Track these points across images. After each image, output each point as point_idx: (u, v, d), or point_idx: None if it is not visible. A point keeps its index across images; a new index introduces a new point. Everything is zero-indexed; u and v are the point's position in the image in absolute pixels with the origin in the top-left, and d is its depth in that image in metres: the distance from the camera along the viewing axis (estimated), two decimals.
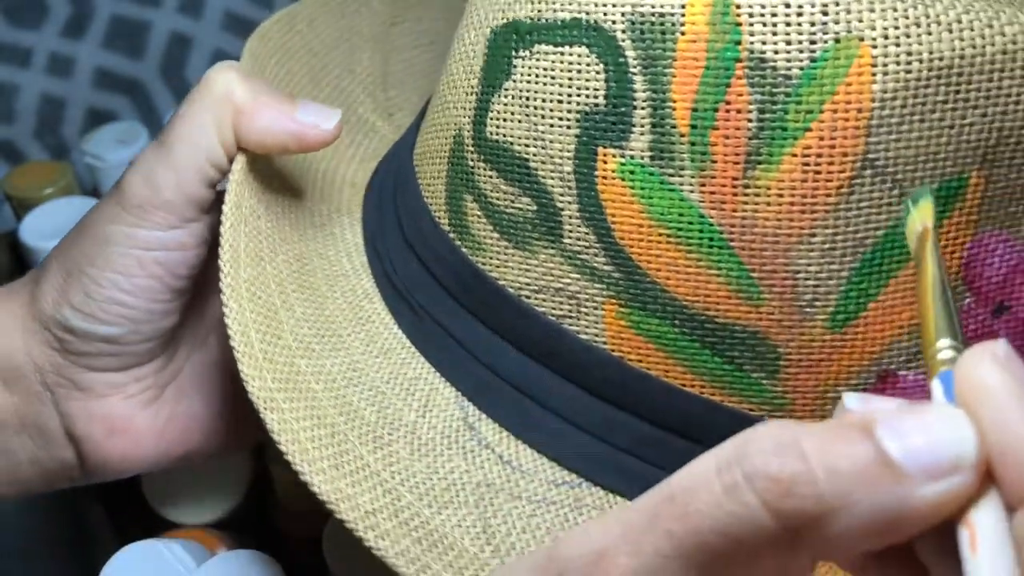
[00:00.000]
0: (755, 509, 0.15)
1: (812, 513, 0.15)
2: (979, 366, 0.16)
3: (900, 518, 0.15)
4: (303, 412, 0.28)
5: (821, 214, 0.24)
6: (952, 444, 0.15)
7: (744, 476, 0.15)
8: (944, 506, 0.15)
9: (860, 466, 0.15)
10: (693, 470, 0.16)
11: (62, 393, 0.31)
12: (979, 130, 0.23)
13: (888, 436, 0.15)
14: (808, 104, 0.23)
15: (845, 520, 0.15)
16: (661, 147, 0.25)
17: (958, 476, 0.15)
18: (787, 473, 0.15)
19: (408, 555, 0.26)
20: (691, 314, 0.26)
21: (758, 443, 0.15)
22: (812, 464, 0.15)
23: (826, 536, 0.15)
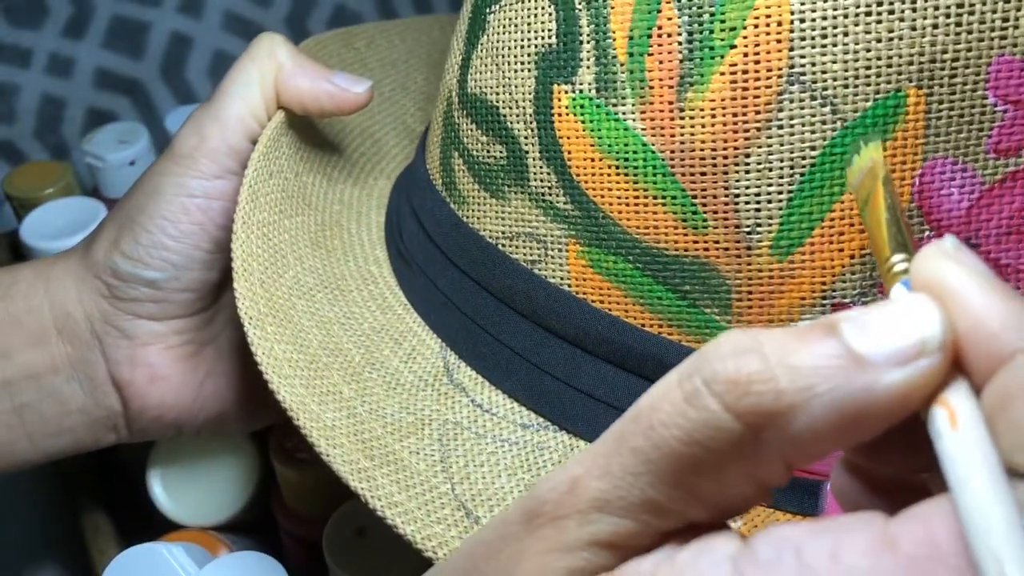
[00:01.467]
0: (716, 412, 0.15)
1: (772, 409, 0.14)
2: (931, 261, 0.15)
3: (866, 408, 0.14)
4: (287, 338, 0.29)
5: (753, 132, 0.24)
6: (917, 327, 0.14)
7: (703, 382, 0.15)
8: (912, 392, 0.14)
9: (822, 359, 0.14)
10: (656, 387, 0.16)
11: (109, 341, 0.34)
12: (910, 44, 0.23)
13: (852, 330, 0.15)
14: (731, 21, 0.24)
15: (807, 415, 0.14)
16: (605, 78, 0.26)
17: (925, 359, 0.14)
18: (744, 373, 0.14)
19: (355, 465, 0.26)
20: (644, 248, 0.27)
21: (717, 349, 0.15)
22: (771, 362, 0.15)
23: (790, 434, 0.15)
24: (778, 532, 0.15)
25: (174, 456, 0.39)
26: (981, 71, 0.23)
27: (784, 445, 0.15)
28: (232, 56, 0.57)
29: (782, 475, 0.15)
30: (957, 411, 0.14)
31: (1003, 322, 0.14)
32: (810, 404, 0.14)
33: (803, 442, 0.15)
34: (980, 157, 0.24)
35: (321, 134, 0.38)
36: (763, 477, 0.15)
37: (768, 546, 0.15)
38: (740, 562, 0.15)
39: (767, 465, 0.15)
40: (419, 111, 0.45)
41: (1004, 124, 0.24)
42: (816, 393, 0.14)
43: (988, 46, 0.23)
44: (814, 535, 0.14)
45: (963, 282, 0.15)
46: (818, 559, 0.14)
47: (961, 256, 0.15)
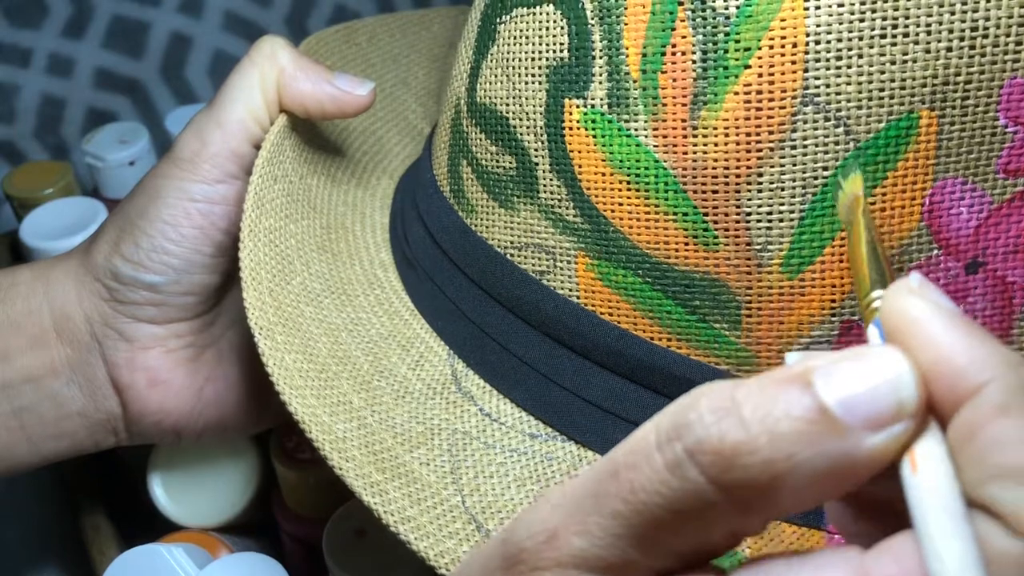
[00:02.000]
0: (700, 484, 0.15)
1: (759, 482, 0.15)
2: (897, 300, 0.16)
3: (847, 471, 0.15)
4: (297, 347, 0.29)
5: (766, 152, 0.24)
6: (892, 390, 0.15)
7: (685, 451, 0.15)
8: (888, 453, 0.15)
9: (801, 424, 0.14)
10: (634, 443, 0.16)
11: (109, 344, 0.34)
12: (924, 67, 0.23)
13: (825, 386, 0.15)
14: (746, 41, 0.24)
15: (792, 481, 0.15)
16: (617, 94, 0.26)
17: (900, 425, 0.15)
18: (728, 444, 0.15)
19: (368, 479, 0.27)
20: (654, 263, 0.27)
21: (696, 412, 0.15)
22: (753, 430, 0.15)
23: (775, 499, 0.15)
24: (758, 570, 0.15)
25: (175, 457, 0.39)
26: (993, 93, 0.24)
27: (767, 508, 0.15)
28: (232, 56, 0.57)
29: (758, 530, 0.16)
30: (918, 457, 0.15)
31: (968, 357, 0.15)
32: (793, 473, 0.15)
33: (787, 503, 0.15)
34: (990, 177, 0.25)
35: (324, 135, 0.37)
36: (741, 530, 0.16)
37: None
38: None
39: (747, 522, 0.16)
40: (420, 107, 0.45)
41: (1014, 145, 0.24)
42: (798, 461, 0.14)
43: (1001, 68, 0.23)
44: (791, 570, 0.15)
45: (928, 319, 0.15)
46: None
47: (926, 292, 0.16)
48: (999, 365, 0.15)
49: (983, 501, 0.14)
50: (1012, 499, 0.14)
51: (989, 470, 0.14)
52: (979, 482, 0.14)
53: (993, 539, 0.14)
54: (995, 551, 0.14)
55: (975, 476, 0.14)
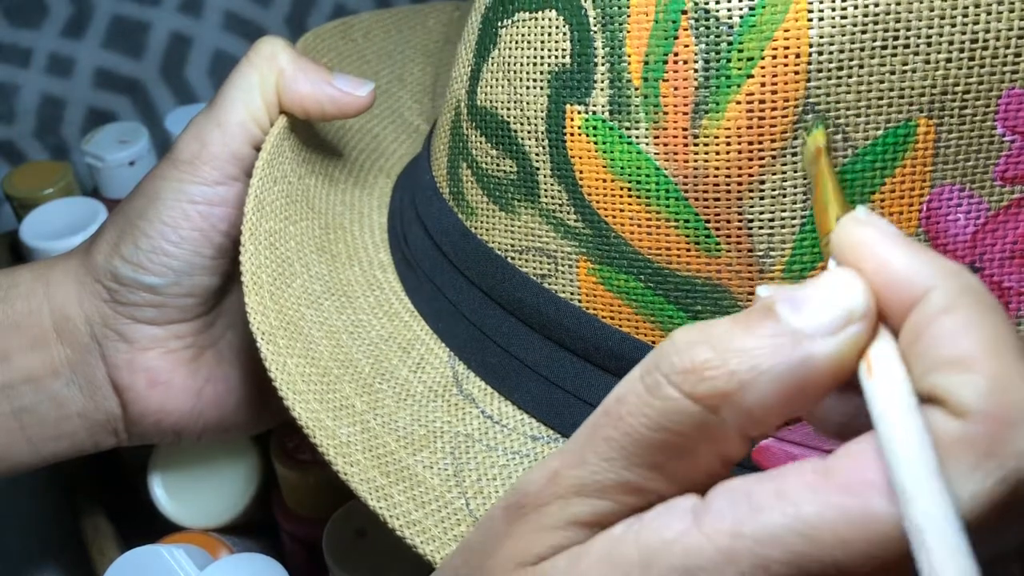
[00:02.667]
0: (676, 399, 0.17)
1: (726, 389, 0.16)
2: (847, 228, 0.17)
3: (807, 376, 0.16)
4: (299, 351, 0.29)
5: (768, 160, 0.25)
6: (842, 299, 0.16)
7: (662, 375, 0.17)
8: (845, 356, 0.16)
9: (764, 339, 0.16)
10: (621, 384, 0.18)
11: (109, 345, 0.34)
12: (922, 77, 0.24)
13: (786, 309, 0.17)
14: (749, 51, 0.24)
15: (757, 389, 0.16)
16: (619, 101, 0.26)
17: (852, 327, 0.16)
18: (698, 362, 0.17)
19: (373, 483, 0.27)
20: (655, 268, 0.27)
21: (671, 345, 0.17)
22: (720, 349, 0.17)
23: (745, 409, 0.16)
24: (729, 484, 0.17)
25: (175, 458, 0.39)
26: (991, 103, 0.24)
27: (740, 419, 0.17)
28: (232, 56, 0.57)
29: (742, 448, 0.17)
30: (873, 360, 0.16)
31: (912, 269, 0.16)
32: (758, 380, 0.16)
33: (757, 415, 0.17)
34: (987, 184, 0.25)
35: (322, 134, 0.37)
36: (725, 452, 0.17)
37: (722, 497, 0.17)
38: (698, 511, 0.17)
39: (727, 440, 0.17)
40: (416, 104, 0.45)
41: (1011, 153, 0.25)
42: (762, 370, 0.16)
43: (999, 79, 0.24)
44: (760, 481, 0.16)
45: (876, 242, 0.17)
46: (766, 498, 0.16)
47: (872, 220, 0.17)
48: (941, 273, 0.16)
49: (928, 390, 0.16)
50: (951, 383, 0.15)
51: (933, 361, 0.16)
52: (924, 373, 0.16)
53: (938, 423, 0.15)
54: (940, 434, 0.15)
55: (921, 369, 0.16)
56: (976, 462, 0.15)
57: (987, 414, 0.15)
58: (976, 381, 0.15)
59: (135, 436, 0.35)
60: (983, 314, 0.16)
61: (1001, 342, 0.15)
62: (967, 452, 0.15)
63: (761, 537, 0.16)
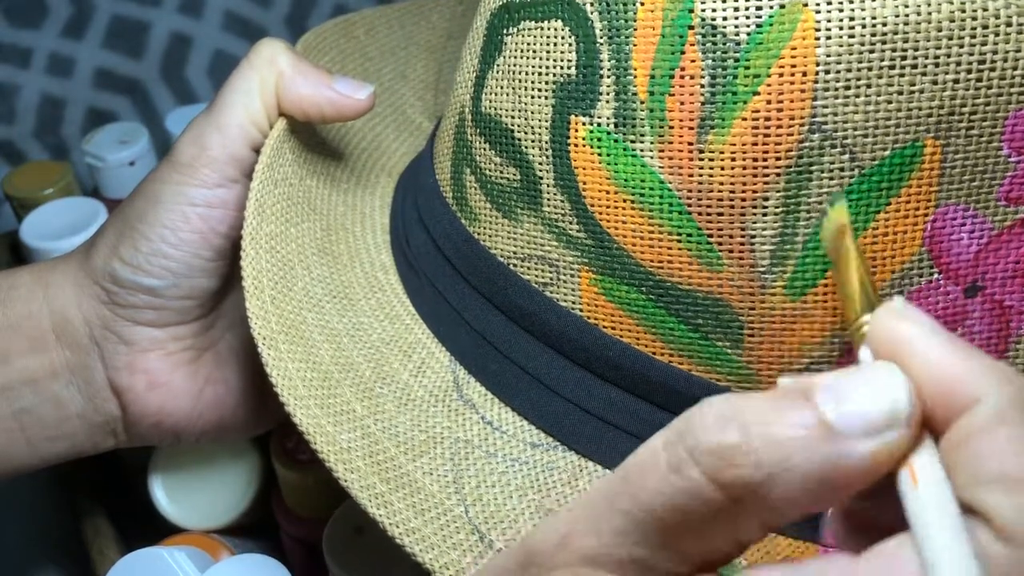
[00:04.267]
0: (699, 482, 0.16)
1: (752, 481, 0.15)
2: (886, 322, 0.17)
3: (838, 476, 0.15)
4: (300, 355, 0.29)
5: (772, 177, 0.25)
6: (886, 401, 0.15)
7: (687, 451, 0.16)
8: (881, 460, 0.15)
9: (798, 431, 0.15)
10: (643, 451, 0.17)
11: (108, 347, 0.34)
12: (930, 97, 0.23)
13: (825, 400, 0.16)
14: (756, 68, 0.24)
15: (784, 484, 0.15)
16: (624, 114, 0.26)
17: (894, 432, 0.15)
18: (726, 445, 0.16)
19: (372, 490, 0.27)
20: (657, 281, 0.27)
21: (700, 419, 0.16)
22: (751, 434, 0.16)
23: (769, 502, 0.16)
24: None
25: (175, 459, 0.39)
26: (998, 124, 0.24)
27: (762, 510, 0.16)
28: (232, 56, 0.57)
29: (759, 535, 0.17)
30: (918, 471, 0.15)
31: (962, 373, 0.16)
32: (786, 475, 0.15)
33: (780, 508, 0.16)
34: (991, 204, 0.25)
35: (323, 134, 0.37)
36: (741, 537, 0.17)
37: None
38: None
39: (745, 526, 0.16)
40: (418, 101, 0.44)
41: (1017, 174, 0.25)
42: (791, 465, 0.15)
43: (1006, 100, 0.24)
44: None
45: (920, 339, 0.16)
46: None
47: (912, 315, 0.16)
48: (994, 379, 0.15)
49: (969, 502, 0.15)
50: (998, 504, 0.15)
51: (978, 475, 0.15)
52: (967, 485, 0.15)
53: (983, 543, 0.15)
54: (985, 554, 0.15)
55: (964, 479, 0.15)
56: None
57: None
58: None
59: (134, 438, 0.36)
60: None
61: None
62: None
63: None
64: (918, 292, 0.26)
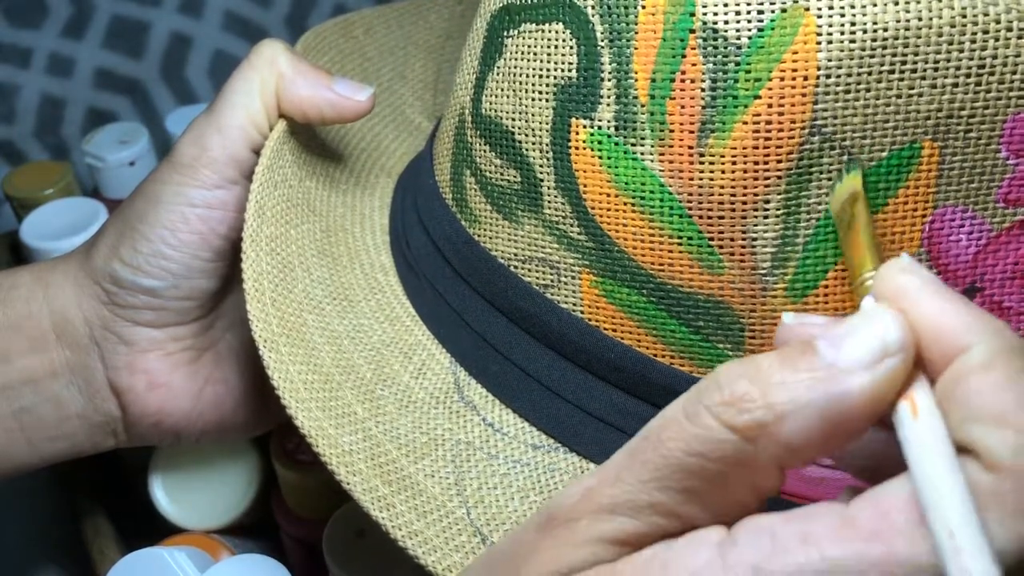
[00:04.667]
0: (715, 428, 0.17)
1: (764, 420, 0.17)
2: (892, 274, 0.18)
3: (843, 409, 0.16)
4: (301, 358, 0.29)
5: (773, 180, 0.25)
6: (878, 334, 0.17)
7: (704, 405, 0.17)
8: (881, 390, 0.16)
9: (802, 374, 0.17)
10: (664, 412, 0.18)
11: (108, 347, 0.34)
12: (928, 101, 0.24)
13: (825, 345, 0.17)
14: (757, 72, 0.24)
15: (795, 421, 0.17)
16: (625, 117, 0.26)
17: (889, 360, 0.16)
18: (738, 394, 0.17)
19: (375, 493, 0.27)
20: (658, 283, 0.27)
21: (714, 378, 0.18)
22: (760, 382, 0.17)
23: (782, 440, 0.17)
24: (755, 521, 0.17)
25: (175, 460, 0.39)
26: (996, 127, 0.24)
27: (777, 451, 0.17)
28: (232, 56, 0.57)
29: (776, 480, 0.18)
30: (918, 403, 0.17)
31: (955, 322, 0.17)
32: (795, 413, 0.17)
33: (793, 446, 0.17)
34: (989, 206, 0.25)
35: (322, 135, 0.37)
36: (759, 483, 0.18)
37: (747, 533, 0.17)
38: (724, 546, 0.17)
39: (762, 470, 0.17)
40: (417, 101, 0.44)
41: (1015, 176, 0.25)
42: (800, 403, 0.17)
43: (1005, 104, 0.24)
44: (786, 522, 0.17)
45: (919, 290, 0.17)
46: (790, 539, 0.16)
47: (916, 269, 0.18)
48: (985, 329, 0.16)
49: (962, 440, 0.16)
50: (987, 437, 0.16)
51: (970, 413, 0.16)
52: (960, 423, 0.16)
53: (972, 474, 0.16)
54: (974, 485, 0.16)
55: (957, 418, 0.16)
56: (1003, 517, 0.15)
57: (1018, 472, 0.15)
58: (1010, 438, 0.15)
59: (134, 437, 0.36)
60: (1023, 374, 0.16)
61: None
62: (996, 506, 0.15)
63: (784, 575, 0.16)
64: None
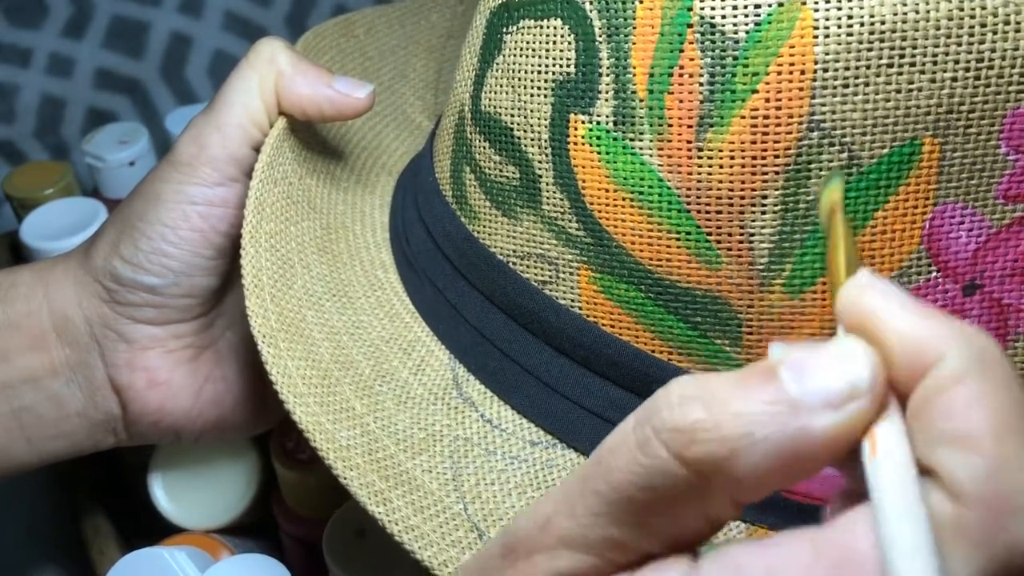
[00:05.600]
0: (665, 460, 0.16)
1: (717, 455, 0.15)
2: (849, 295, 0.17)
3: (802, 449, 0.15)
4: (300, 353, 0.29)
5: (771, 175, 0.25)
6: (847, 373, 0.16)
7: (653, 430, 0.16)
8: (844, 433, 0.15)
9: (761, 405, 0.15)
10: (615, 433, 0.17)
11: (108, 345, 0.34)
12: (928, 95, 0.24)
13: (789, 375, 0.16)
14: (754, 66, 0.24)
15: (750, 458, 0.15)
16: (623, 112, 0.26)
17: (855, 403, 0.15)
18: (689, 422, 0.16)
19: (372, 488, 0.27)
20: (656, 279, 0.27)
21: (665, 398, 0.16)
22: (714, 411, 0.16)
23: (736, 477, 0.16)
24: (722, 553, 0.16)
25: (175, 459, 0.39)
26: (996, 122, 0.24)
27: (730, 486, 0.16)
28: (232, 56, 0.57)
29: (730, 512, 0.17)
30: (877, 440, 0.15)
31: (922, 334, 0.16)
32: (750, 449, 0.15)
33: (747, 483, 0.16)
34: (989, 202, 0.25)
35: (323, 133, 0.37)
36: (713, 514, 0.17)
37: (713, 565, 0.16)
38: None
39: (715, 504, 0.16)
40: (418, 100, 0.44)
41: (1015, 172, 0.25)
42: (756, 439, 0.15)
43: (1004, 99, 0.24)
44: (752, 554, 0.16)
45: (882, 309, 0.16)
46: (756, 572, 0.15)
47: (875, 284, 0.17)
48: (953, 338, 0.15)
49: (929, 464, 0.15)
50: (951, 462, 0.15)
51: (937, 435, 0.15)
52: (927, 444, 0.15)
53: (935, 503, 0.15)
54: (937, 515, 0.15)
55: (924, 440, 0.15)
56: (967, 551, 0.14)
57: (981, 500, 0.14)
58: (975, 464, 0.15)
59: (134, 436, 0.36)
60: (995, 388, 0.15)
61: (1007, 423, 0.15)
62: (959, 539, 0.14)
63: None
64: (917, 290, 0.26)
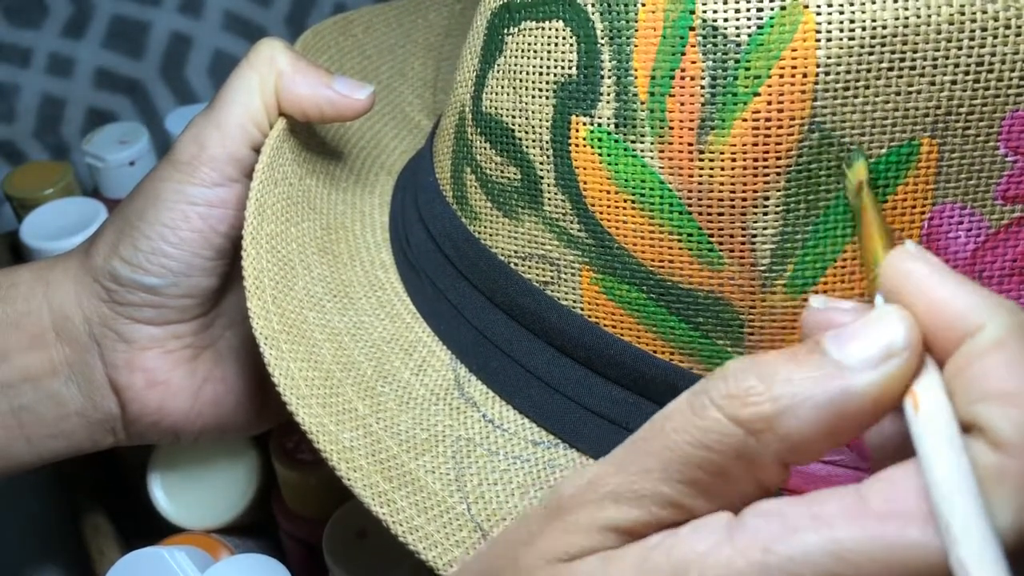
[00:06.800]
0: (719, 421, 0.17)
1: (768, 414, 0.17)
2: (896, 261, 0.18)
3: (846, 407, 0.17)
4: (302, 354, 0.30)
5: (773, 177, 0.25)
6: (884, 334, 0.17)
7: (709, 398, 0.18)
8: (885, 389, 0.17)
9: (808, 370, 0.17)
10: (671, 404, 0.18)
11: (107, 344, 0.34)
12: (927, 98, 0.24)
13: (832, 344, 0.17)
14: (756, 69, 0.24)
15: (797, 416, 0.17)
16: (624, 114, 0.26)
17: (893, 360, 0.17)
18: (744, 388, 0.17)
19: (375, 489, 0.27)
20: (658, 280, 0.27)
21: (721, 372, 0.18)
22: (766, 377, 0.17)
23: (784, 435, 0.17)
24: (763, 505, 0.17)
25: (175, 459, 0.39)
26: (994, 124, 0.24)
27: (780, 446, 0.17)
28: (232, 56, 0.57)
29: (779, 475, 0.18)
30: (919, 396, 0.17)
31: (964, 304, 0.17)
32: (799, 408, 0.17)
33: (795, 443, 0.17)
34: (988, 203, 0.25)
35: (322, 133, 0.37)
36: (763, 478, 0.18)
37: (756, 515, 0.17)
38: (732, 529, 0.17)
39: (765, 465, 0.18)
40: (417, 99, 0.45)
41: (1013, 173, 0.25)
42: (803, 399, 0.17)
43: (1003, 101, 0.24)
44: (794, 504, 0.17)
45: (927, 277, 0.17)
46: (800, 519, 0.16)
47: (922, 255, 0.18)
48: (994, 309, 0.17)
49: (970, 419, 0.16)
50: (993, 415, 0.16)
51: (978, 392, 0.16)
52: (968, 403, 0.16)
53: (978, 454, 0.16)
54: (980, 464, 0.16)
55: (966, 398, 0.16)
56: (1009, 495, 0.15)
57: (1023, 448, 0.15)
58: (1016, 416, 0.15)
59: (133, 436, 0.36)
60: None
61: None
62: (1002, 484, 0.15)
63: (794, 555, 0.16)
64: None
